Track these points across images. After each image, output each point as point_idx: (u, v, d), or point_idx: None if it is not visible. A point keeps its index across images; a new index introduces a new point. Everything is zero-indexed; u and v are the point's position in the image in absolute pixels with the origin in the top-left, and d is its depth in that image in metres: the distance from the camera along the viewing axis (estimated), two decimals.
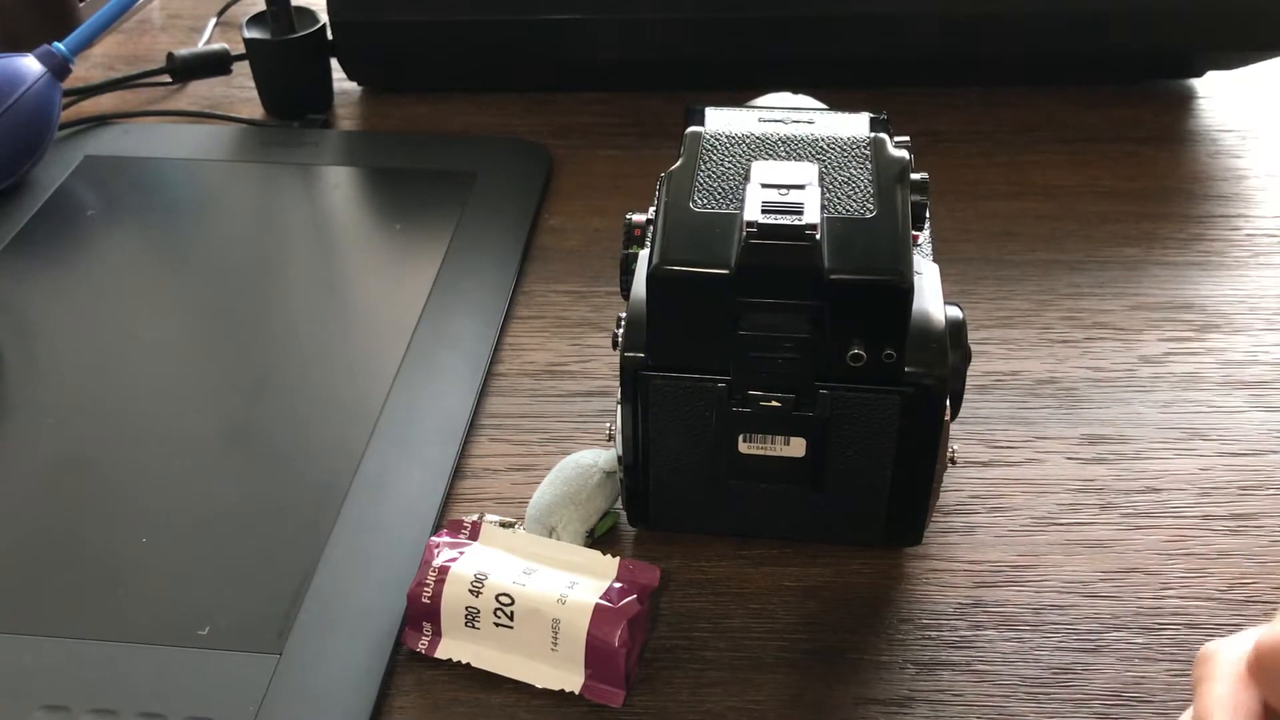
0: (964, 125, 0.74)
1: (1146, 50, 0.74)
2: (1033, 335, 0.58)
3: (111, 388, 0.55)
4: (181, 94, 0.79)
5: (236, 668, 0.43)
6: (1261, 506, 0.49)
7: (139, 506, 0.49)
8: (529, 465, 0.52)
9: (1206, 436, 0.52)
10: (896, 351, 0.41)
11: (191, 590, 0.46)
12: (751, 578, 0.47)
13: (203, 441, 0.52)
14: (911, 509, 0.45)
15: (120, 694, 0.42)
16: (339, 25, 0.74)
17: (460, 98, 0.77)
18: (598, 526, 0.48)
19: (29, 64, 0.67)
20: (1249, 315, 0.59)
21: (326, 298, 0.60)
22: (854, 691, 0.43)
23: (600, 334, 0.59)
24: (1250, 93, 0.77)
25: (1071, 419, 0.53)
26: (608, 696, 0.42)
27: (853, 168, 0.43)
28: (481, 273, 0.61)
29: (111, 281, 0.62)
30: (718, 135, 0.45)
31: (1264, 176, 0.69)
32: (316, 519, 0.48)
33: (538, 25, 0.73)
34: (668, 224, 0.42)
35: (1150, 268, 0.62)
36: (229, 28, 0.86)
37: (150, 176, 0.70)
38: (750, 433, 0.43)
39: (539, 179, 0.69)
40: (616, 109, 0.76)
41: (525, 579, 0.43)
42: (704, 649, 0.44)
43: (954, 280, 0.61)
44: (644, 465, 0.45)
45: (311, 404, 0.54)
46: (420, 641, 0.44)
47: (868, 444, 0.43)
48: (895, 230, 0.41)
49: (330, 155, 0.71)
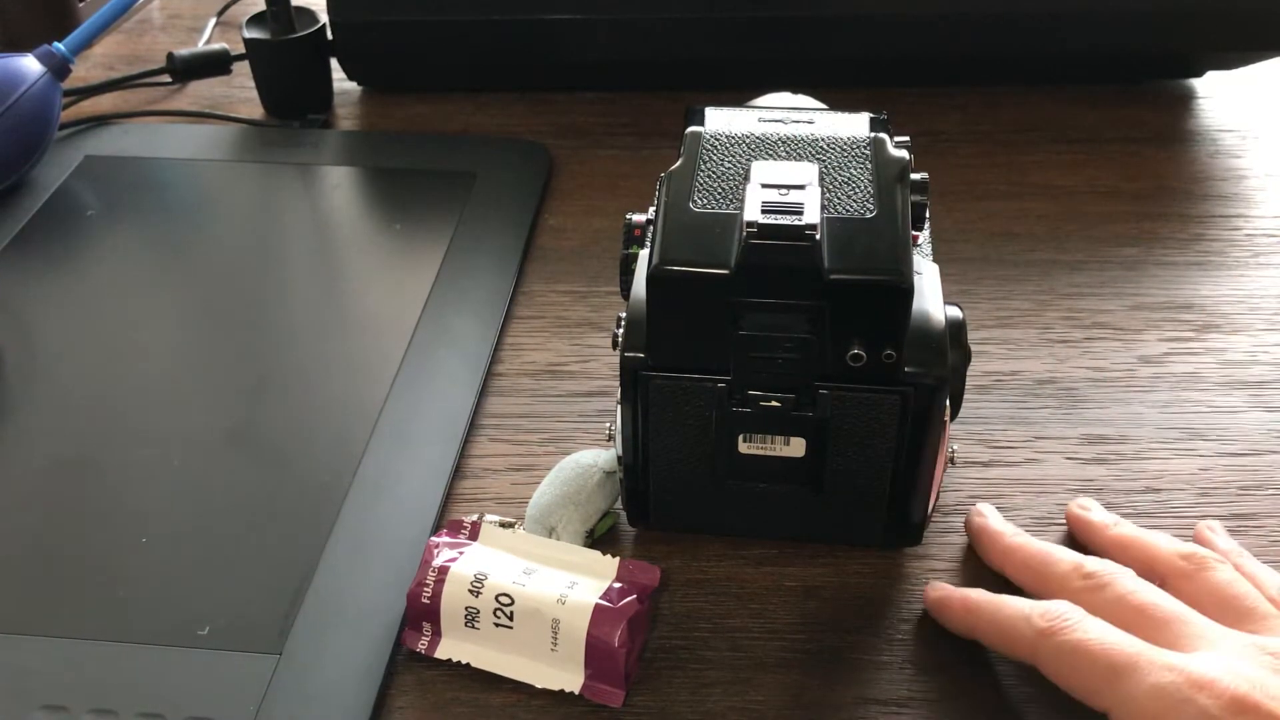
0: (964, 125, 0.74)
1: (1146, 50, 0.74)
2: (1033, 335, 0.58)
3: (111, 388, 0.55)
4: (181, 94, 0.79)
5: (236, 668, 0.43)
6: (1261, 506, 0.49)
7: (139, 506, 0.49)
8: (529, 465, 0.52)
9: (1206, 436, 0.52)
10: (896, 352, 0.41)
11: (191, 590, 0.46)
12: (751, 578, 0.47)
13: (203, 441, 0.52)
14: (911, 509, 0.45)
15: (120, 694, 0.42)
16: (339, 25, 0.74)
17: (460, 98, 0.77)
18: (598, 526, 0.48)
19: (29, 64, 0.67)
20: (1249, 315, 0.59)
21: (326, 298, 0.61)
22: (854, 691, 0.43)
23: (600, 334, 0.59)
24: (1250, 93, 0.77)
25: (1071, 419, 0.53)
26: (608, 696, 0.42)
27: (853, 168, 0.43)
28: (481, 273, 0.61)
29: (111, 281, 0.62)
30: (718, 135, 0.45)
31: (1264, 176, 0.69)
32: (316, 519, 0.48)
33: (538, 25, 0.73)
34: (668, 224, 0.42)
35: (1150, 268, 0.62)
36: (229, 28, 0.86)
37: (150, 176, 0.70)
38: (750, 433, 0.43)
39: (539, 179, 0.69)
40: (616, 109, 0.76)
41: (525, 579, 0.43)
42: (704, 649, 0.44)
43: (954, 280, 0.61)
44: (644, 465, 0.45)
45: (311, 404, 0.54)
46: (420, 641, 0.44)
47: (868, 444, 0.43)
48: (895, 230, 0.41)
49: (330, 155, 0.71)
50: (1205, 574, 0.41)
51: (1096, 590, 0.41)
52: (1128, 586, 0.40)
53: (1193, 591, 0.41)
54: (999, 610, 0.42)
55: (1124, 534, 0.45)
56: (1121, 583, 0.41)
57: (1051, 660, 0.39)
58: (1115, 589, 0.40)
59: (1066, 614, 0.39)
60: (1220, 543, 0.46)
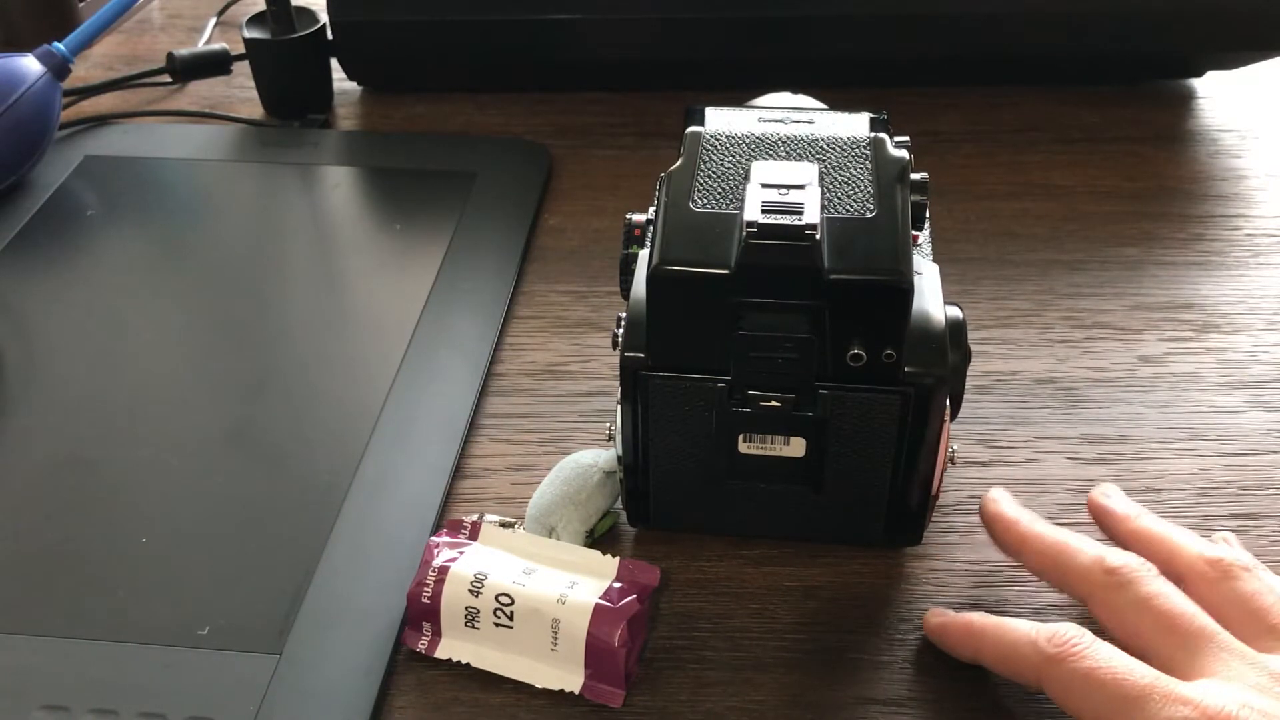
0: (964, 125, 0.74)
1: (1146, 50, 0.74)
2: (1033, 335, 0.58)
3: (111, 388, 0.55)
4: (181, 94, 0.79)
5: (236, 668, 0.43)
6: (1261, 506, 0.49)
7: (139, 506, 0.49)
8: (529, 465, 0.52)
9: (1206, 436, 0.52)
10: (896, 352, 0.41)
11: (191, 590, 0.46)
12: (751, 577, 0.47)
13: (203, 441, 0.52)
14: (911, 509, 0.45)
15: (120, 694, 0.42)
16: (339, 25, 0.74)
17: (460, 98, 0.77)
18: (598, 526, 0.48)
19: (29, 64, 0.67)
20: (1249, 315, 0.59)
21: (326, 298, 0.61)
22: (854, 691, 0.43)
23: (600, 334, 0.59)
24: (1250, 93, 0.77)
25: (1071, 419, 0.53)
26: (608, 696, 0.42)
27: (853, 168, 0.43)
28: (481, 273, 0.61)
29: (111, 281, 0.62)
30: (718, 135, 0.45)
31: (1264, 176, 0.69)
32: (316, 519, 0.48)
33: (538, 25, 0.73)
34: (668, 224, 0.42)
35: (1150, 268, 0.62)
36: (229, 28, 0.86)
37: (150, 176, 0.70)
38: (750, 433, 0.43)
39: (539, 179, 0.69)
40: (616, 109, 0.76)
41: (525, 579, 0.43)
42: (704, 649, 0.44)
43: (954, 280, 0.61)
44: (644, 465, 0.45)
45: (311, 404, 0.54)
46: (420, 641, 0.44)
47: (868, 444, 0.43)
48: (895, 230, 0.41)
49: (330, 155, 0.71)
50: (1231, 582, 0.40)
51: (1119, 589, 0.39)
52: (1153, 589, 0.39)
53: (1215, 598, 0.39)
54: (1004, 634, 0.40)
55: (1147, 527, 0.43)
56: (1147, 584, 0.39)
57: (1060, 687, 0.38)
58: (1139, 589, 0.39)
59: (1075, 639, 0.38)
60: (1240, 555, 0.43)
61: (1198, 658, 0.37)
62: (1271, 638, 0.38)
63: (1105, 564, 0.40)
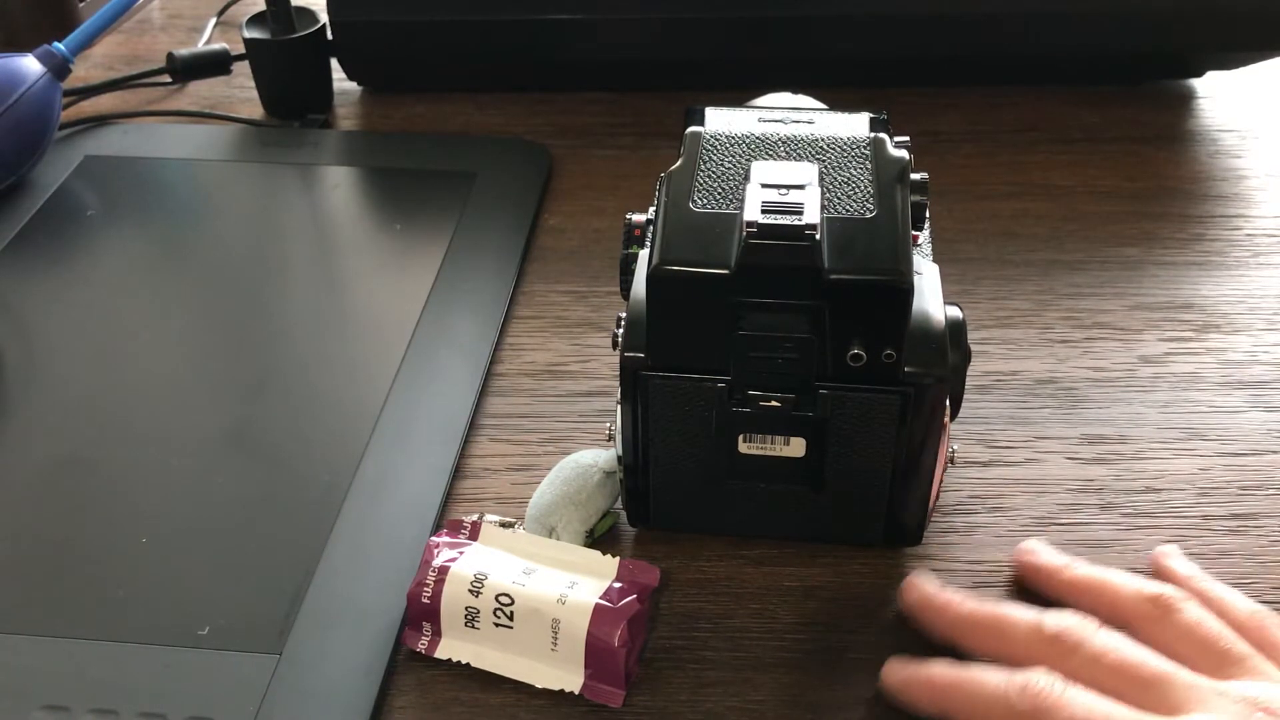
0: (964, 125, 0.74)
1: (1146, 50, 0.74)
2: (1033, 335, 0.58)
3: (111, 388, 0.55)
4: (181, 94, 0.79)
5: (236, 668, 0.43)
6: (1261, 506, 0.49)
7: (139, 506, 0.49)
8: (529, 465, 0.52)
9: (1206, 436, 0.52)
10: (896, 352, 0.41)
11: (191, 590, 0.46)
12: (751, 577, 0.47)
13: (203, 441, 0.52)
14: (911, 509, 0.45)
15: (120, 694, 0.42)
16: (339, 25, 0.74)
17: (460, 98, 0.77)
18: (598, 526, 0.48)
19: (29, 64, 0.67)
20: (1249, 315, 0.59)
21: (326, 298, 0.61)
22: (854, 691, 0.43)
23: (600, 334, 0.59)
24: (1250, 93, 0.77)
25: (1071, 419, 0.53)
26: (608, 696, 0.42)
27: (853, 168, 0.43)
28: (481, 273, 0.61)
29: (111, 281, 0.62)
30: (718, 135, 0.45)
31: (1264, 176, 0.69)
32: (316, 519, 0.48)
33: (538, 25, 0.73)
34: (668, 224, 0.42)
35: (1150, 268, 0.62)
36: (229, 28, 0.86)
37: (150, 176, 0.70)
38: (750, 433, 0.43)
39: (539, 179, 0.69)
40: (616, 109, 0.76)
41: (525, 579, 0.43)
42: (704, 649, 0.44)
43: (954, 280, 0.61)
44: (644, 465, 0.45)
45: (311, 404, 0.54)
46: (420, 641, 0.44)
47: (867, 444, 0.43)
48: (895, 230, 0.41)
49: (330, 155, 0.71)
50: (1174, 616, 0.40)
51: (1067, 655, 0.39)
52: (1100, 645, 0.38)
53: (1164, 637, 0.39)
54: (975, 690, 0.39)
55: (1081, 576, 0.43)
56: (1092, 642, 0.39)
57: None
58: (1087, 650, 0.38)
59: (1048, 689, 0.37)
60: (1179, 568, 0.44)
61: (1166, 699, 0.37)
62: (1226, 663, 0.38)
63: (1043, 630, 0.40)
